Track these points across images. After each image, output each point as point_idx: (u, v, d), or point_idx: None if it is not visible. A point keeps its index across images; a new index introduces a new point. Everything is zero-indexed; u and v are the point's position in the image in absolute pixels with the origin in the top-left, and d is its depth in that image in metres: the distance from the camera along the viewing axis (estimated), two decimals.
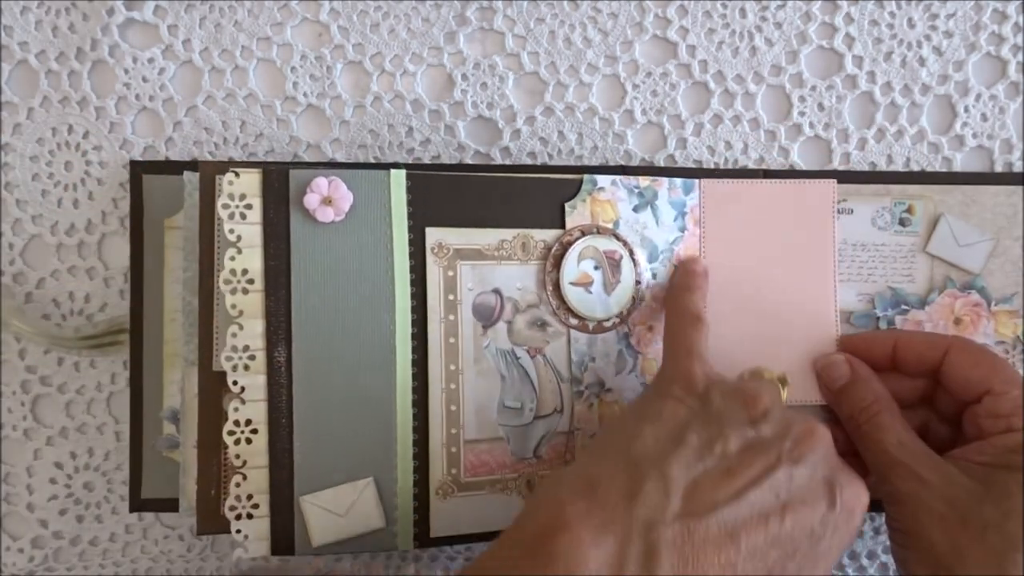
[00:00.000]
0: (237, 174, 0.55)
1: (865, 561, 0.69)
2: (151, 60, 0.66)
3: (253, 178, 0.55)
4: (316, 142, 0.67)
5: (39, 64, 0.66)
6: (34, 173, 0.66)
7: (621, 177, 0.61)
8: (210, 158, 0.66)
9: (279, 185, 0.55)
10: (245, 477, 0.55)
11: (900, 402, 0.61)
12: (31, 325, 0.65)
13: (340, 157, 0.67)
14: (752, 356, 0.63)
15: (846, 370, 0.62)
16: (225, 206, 0.55)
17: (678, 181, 0.63)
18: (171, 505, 0.62)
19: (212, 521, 0.56)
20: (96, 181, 0.66)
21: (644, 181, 0.62)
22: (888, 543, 0.68)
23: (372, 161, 0.66)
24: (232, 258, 0.55)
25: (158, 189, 0.65)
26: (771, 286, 0.64)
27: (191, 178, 0.59)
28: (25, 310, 0.66)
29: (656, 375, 0.58)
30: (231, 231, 0.55)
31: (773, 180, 0.64)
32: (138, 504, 0.65)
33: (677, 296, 0.61)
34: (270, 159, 0.66)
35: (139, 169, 0.65)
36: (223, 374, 0.55)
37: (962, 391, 0.59)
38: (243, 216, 0.55)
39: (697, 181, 0.64)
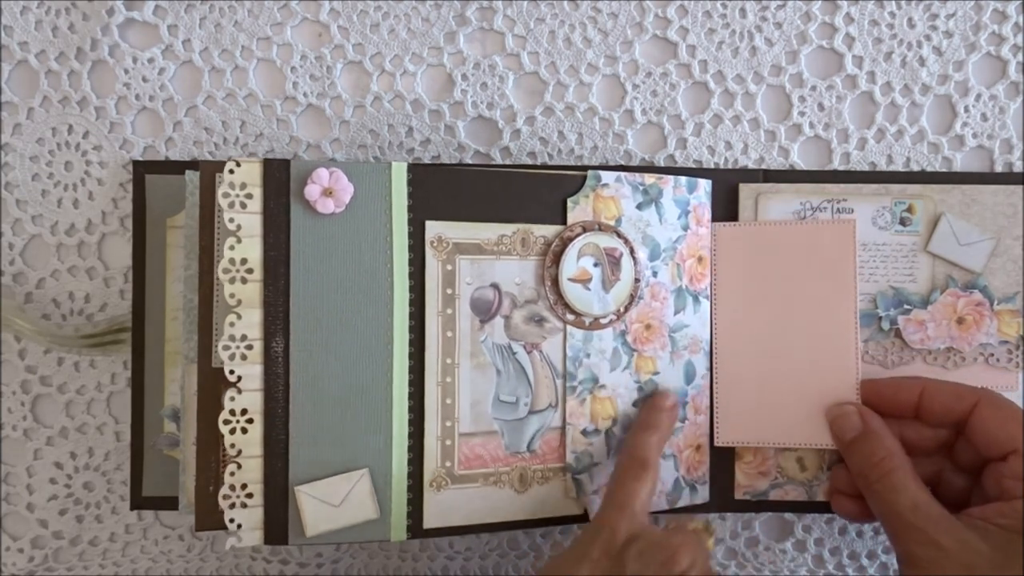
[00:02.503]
0: (238, 163, 0.55)
1: (865, 561, 0.69)
2: (151, 60, 0.66)
3: (254, 168, 0.55)
4: (316, 142, 0.67)
5: (39, 64, 0.66)
6: (34, 173, 0.67)
7: (626, 173, 0.61)
8: (210, 158, 0.66)
9: (280, 175, 0.55)
10: (240, 466, 0.55)
11: (917, 450, 0.60)
12: (31, 324, 0.65)
13: (340, 157, 0.67)
14: (769, 399, 0.64)
15: (857, 422, 0.60)
16: (225, 195, 0.55)
17: (683, 179, 0.63)
18: (171, 503, 0.62)
19: (210, 517, 0.56)
20: (96, 181, 0.67)
21: (649, 178, 0.62)
22: (886, 543, 0.68)
23: (372, 161, 0.66)
24: (231, 247, 0.55)
25: (160, 189, 0.65)
26: (789, 328, 0.63)
27: (192, 177, 0.59)
28: (25, 310, 0.66)
29: (591, 520, 0.59)
30: (231, 220, 0.55)
31: (789, 222, 0.64)
32: (138, 502, 0.65)
33: (633, 436, 0.60)
34: (268, 158, 0.66)
35: (141, 169, 0.65)
36: (222, 370, 0.55)
37: (987, 447, 0.58)
38: (243, 205, 0.55)
39: (701, 180, 0.64)
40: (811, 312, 0.63)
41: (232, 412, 0.55)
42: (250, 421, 0.55)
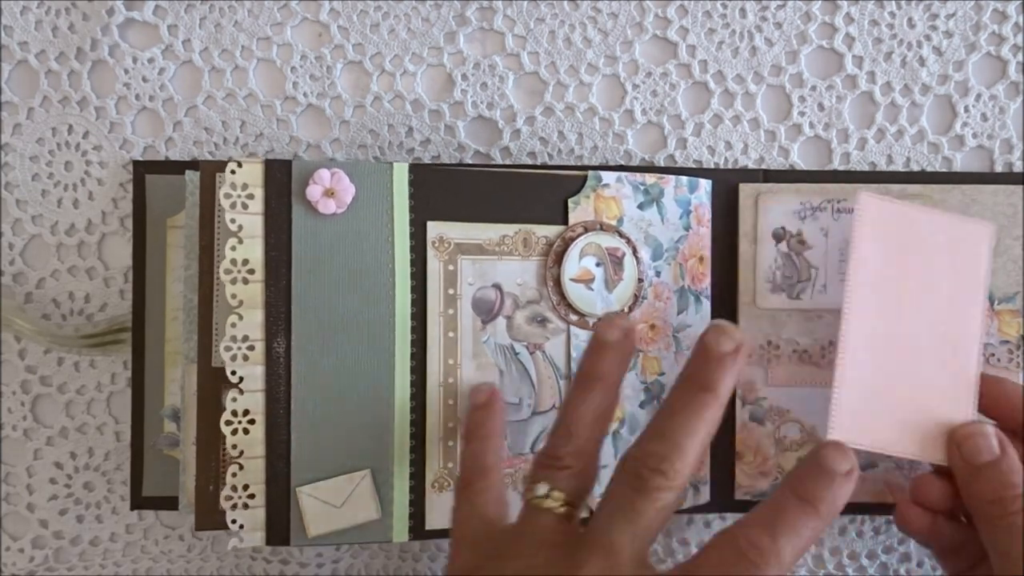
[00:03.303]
0: (240, 164, 0.55)
1: (865, 561, 0.69)
2: (151, 60, 0.66)
3: (255, 168, 0.55)
4: (316, 142, 0.67)
5: (39, 64, 0.66)
6: (34, 173, 0.67)
7: (627, 173, 0.61)
8: (210, 158, 0.66)
9: (281, 176, 0.55)
10: (242, 467, 0.55)
11: None
12: (32, 324, 0.65)
13: (340, 157, 0.67)
14: (888, 403, 0.58)
15: (994, 446, 0.54)
16: (227, 195, 0.55)
17: (684, 179, 0.63)
18: (171, 503, 0.62)
19: (210, 517, 0.56)
20: (96, 181, 0.66)
21: (650, 178, 0.62)
22: (886, 543, 0.68)
23: (372, 161, 0.66)
24: (233, 248, 0.55)
25: (160, 189, 0.65)
26: (917, 327, 0.58)
27: (193, 177, 0.59)
28: (25, 310, 0.66)
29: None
30: (232, 220, 0.55)
31: (933, 210, 0.61)
32: (139, 502, 0.65)
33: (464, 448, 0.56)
34: (270, 159, 0.66)
35: (141, 169, 0.65)
36: (222, 370, 0.55)
37: None
38: (244, 206, 0.55)
39: (701, 180, 0.64)
40: (941, 314, 0.59)
41: (234, 413, 0.55)
42: (252, 422, 0.55)
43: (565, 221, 0.60)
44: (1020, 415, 0.56)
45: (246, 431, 0.55)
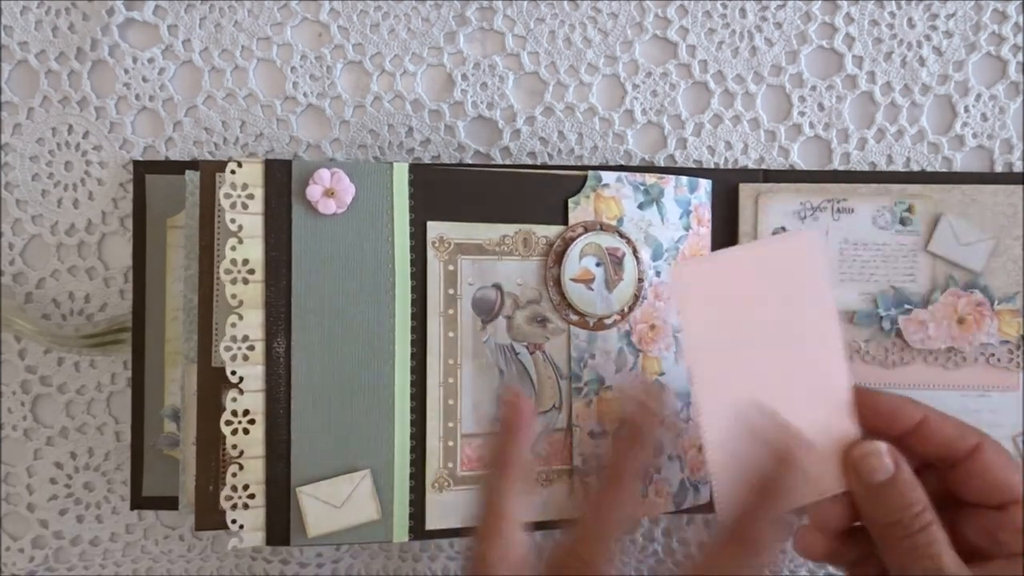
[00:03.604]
0: (240, 164, 0.55)
1: None
2: (151, 60, 0.66)
3: (255, 168, 0.55)
4: (316, 142, 0.67)
5: (39, 64, 0.66)
6: (34, 173, 0.67)
7: (627, 173, 0.61)
8: (210, 158, 0.66)
9: (281, 176, 0.55)
10: (242, 467, 0.55)
11: None
12: (32, 324, 0.65)
13: (340, 157, 0.67)
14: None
15: (888, 464, 0.51)
16: (227, 195, 0.55)
17: (684, 179, 0.63)
18: (171, 503, 0.62)
19: (210, 517, 0.56)
20: (96, 181, 0.66)
21: (650, 178, 0.62)
22: None
23: (372, 161, 0.66)
24: (233, 247, 0.55)
25: (160, 189, 0.65)
26: (771, 358, 0.54)
27: (193, 177, 0.59)
28: (25, 310, 0.66)
29: None
30: (232, 220, 0.55)
31: (750, 246, 0.60)
32: (139, 502, 0.65)
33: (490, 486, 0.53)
34: (270, 159, 0.66)
35: (141, 169, 0.65)
36: (222, 370, 0.55)
37: (985, 493, 0.51)
38: (245, 206, 0.55)
39: (701, 180, 0.64)
40: (796, 340, 0.55)
41: (234, 413, 0.55)
42: (252, 422, 0.55)
43: (565, 221, 0.60)
44: (902, 426, 0.53)
45: (246, 431, 0.55)
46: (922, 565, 0.49)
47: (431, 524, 0.58)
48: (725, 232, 0.65)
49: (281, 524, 0.56)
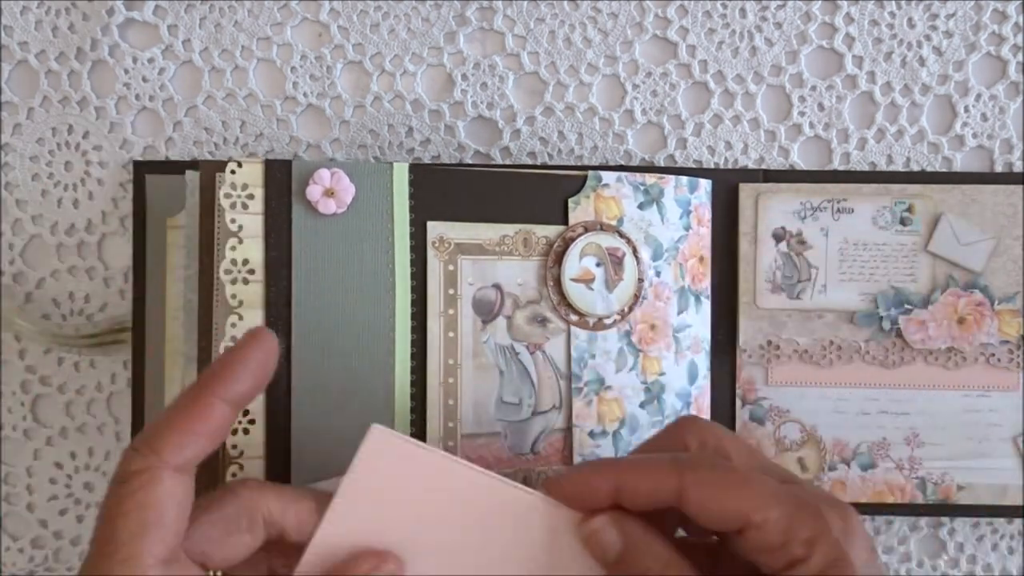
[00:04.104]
0: (240, 164, 0.55)
1: None
2: (151, 60, 0.66)
3: (255, 168, 0.55)
4: (316, 142, 0.67)
5: (39, 64, 0.66)
6: (34, 173, 0.67)
7: (627, 173, 0.61)
8: (210, 158, 0.66)
9: (281, 176, 0.55)
10: (242, 467, 0.55)
11: None
12: (32, 324, 0.65)
13: (340, 157, 0.67)
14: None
15: (614, 536, 0.45)
16: (227, 195, 0.55)
17: (684, 179, 0.63)
18: None
19: None
20: (96, 181, 0.66)
21: (650, 178, 0.62)
22: (886, 544, 0.68)
23: (372, 161, 0.66)
24: (233, 248, 0.55)
25: (160, 189, 0.65)
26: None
27: (193, 177, 0.59)
28: (25, 310, 0.66)
29: None
30: (232, 220, 0.55)
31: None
32: None
33: None
34: (270, 159, 0.66)
35: (142, 169, 0.65)
36: None
37: (717, 525, 0.44)
38: (245, 206, 0.55)
39: (701, 180, 0.64)
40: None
41: None
42: (252, 422, 0.55)
43: (565, 221, 0.60)
44: (611, 498, 0.45)
45: (246, 431, 0.55)
46: None
47: None
48: (725, 232, 0.65)
49: None
